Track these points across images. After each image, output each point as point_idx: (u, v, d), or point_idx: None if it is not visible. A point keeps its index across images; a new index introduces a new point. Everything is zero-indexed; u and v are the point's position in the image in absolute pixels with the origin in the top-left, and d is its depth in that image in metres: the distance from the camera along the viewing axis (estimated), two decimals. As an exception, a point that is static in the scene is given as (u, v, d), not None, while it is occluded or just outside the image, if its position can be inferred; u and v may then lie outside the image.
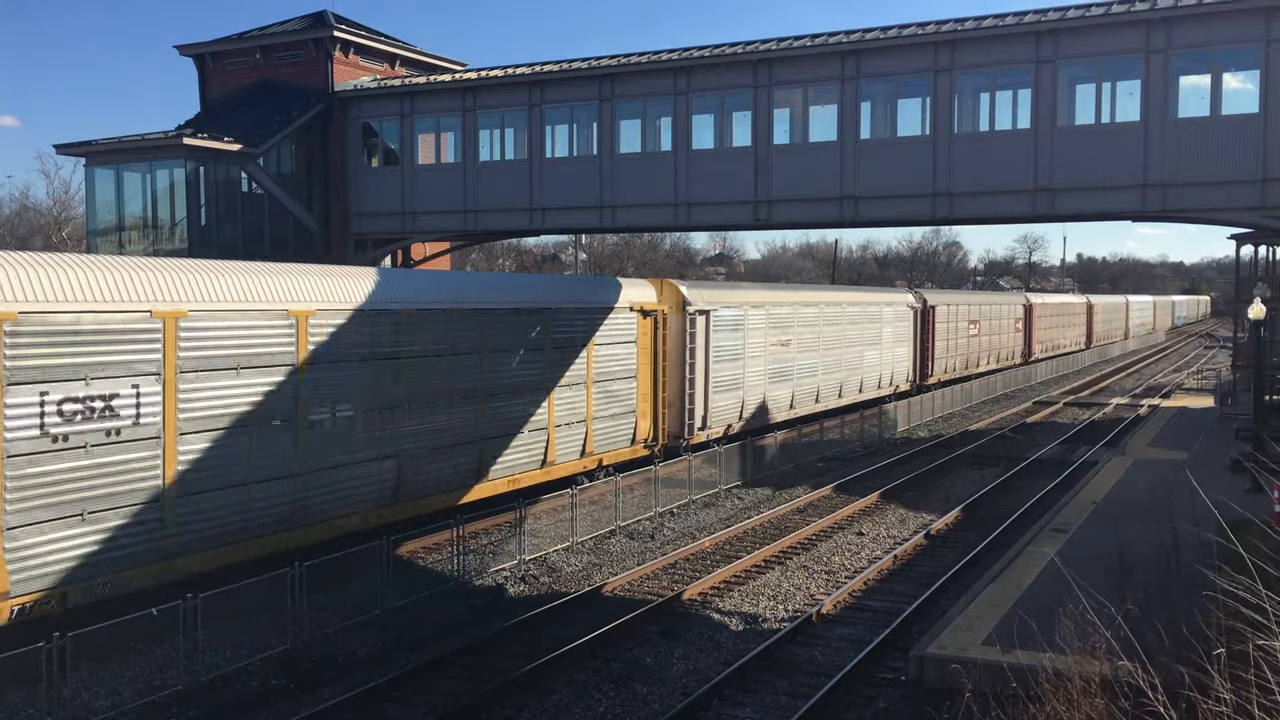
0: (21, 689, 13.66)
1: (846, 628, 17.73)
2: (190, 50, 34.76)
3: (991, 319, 61.69)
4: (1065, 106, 23.83)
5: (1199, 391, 57.29)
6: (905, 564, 22.03)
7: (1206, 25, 22.44)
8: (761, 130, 26.49)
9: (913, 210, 25.71)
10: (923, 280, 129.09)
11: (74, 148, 31.40)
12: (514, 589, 19.67)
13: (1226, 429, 36.11)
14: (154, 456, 16.32)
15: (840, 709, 14.19)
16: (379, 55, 33.83)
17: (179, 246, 29.50)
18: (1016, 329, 67.52)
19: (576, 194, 28.87)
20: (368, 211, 32.03)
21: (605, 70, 28.06)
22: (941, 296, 55.54)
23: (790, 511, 26.52)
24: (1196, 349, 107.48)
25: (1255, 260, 45.52)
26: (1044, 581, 17.07)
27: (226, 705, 14.14)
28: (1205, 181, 22.61)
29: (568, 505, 23.19)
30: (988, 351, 60.97)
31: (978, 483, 30.88)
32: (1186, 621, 9.53)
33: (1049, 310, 76.34)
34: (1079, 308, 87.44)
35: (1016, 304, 69.42)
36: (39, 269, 15.11)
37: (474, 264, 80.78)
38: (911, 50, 25.02)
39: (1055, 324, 77.71)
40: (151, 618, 14.63)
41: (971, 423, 45.26)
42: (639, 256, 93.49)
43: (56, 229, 57.16)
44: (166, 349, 16.45)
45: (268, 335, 18.25)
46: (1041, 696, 9.72)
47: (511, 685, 14.59)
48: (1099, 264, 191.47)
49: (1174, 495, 21.94)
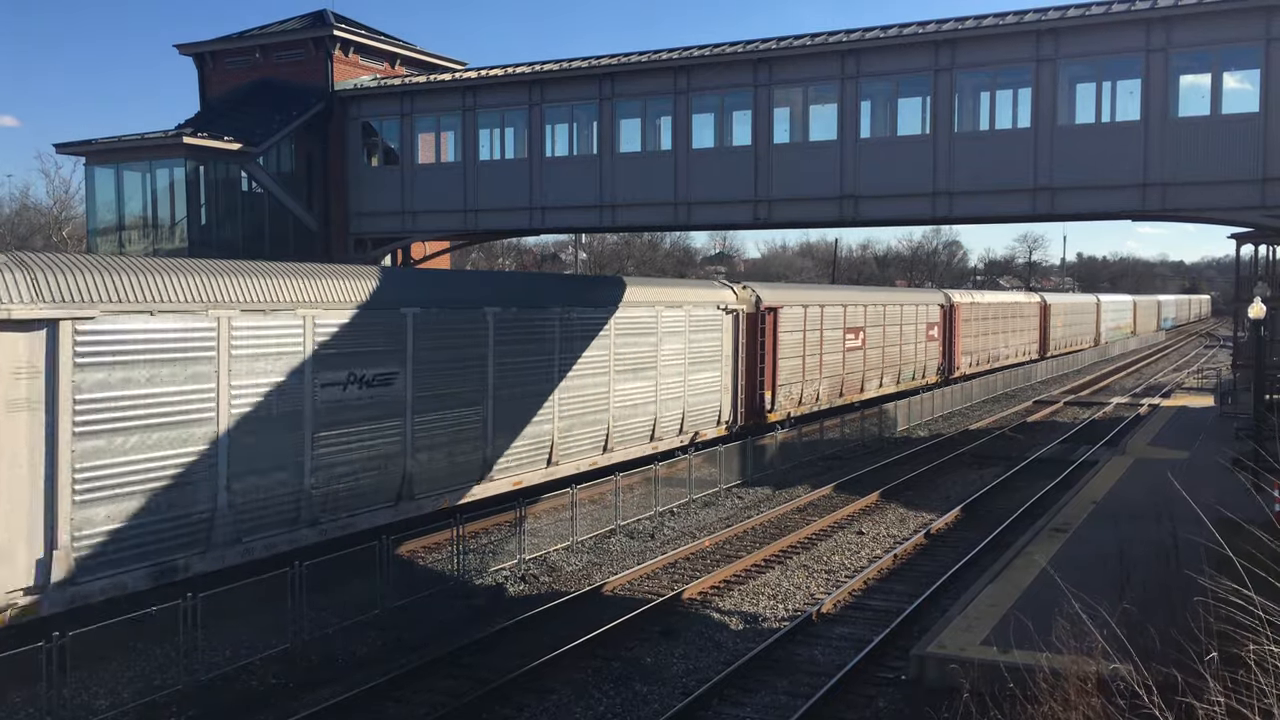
0: (21, 689, 13.68)
1: (846, 627, 17.75)
2: (190, 49, 34.74)
3: (885, 325, 47.32)
4: (1065, 106, 23.81)
5: (1199, 391, 57.29)
6: (905, 563, 22.05)
7: (1207, 24, 22.41)
8: (761, 129, 26.48)
9: (913, 209, 25.69)
10: (922, 279, 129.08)
11: (74, 147, 31.39)
12: (514, 588, 19.69)
13: (1227, 428, 36.13)
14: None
15: (840, 708, 14.21)
16: (379, 54, 33.82)
17: (179, 246, 29.48)
18: (930, 337, 52.40)
19: (576, 193, 28.85)
20: (368, 211, 32.01)
21: (605, 70, 28.05)
22: (784, 294, 40.33)
23: (790, 511, 26.53)
24: (1196, 348, 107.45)
25: (1255, 260, 45.52)
26: (1044, 581, 17.06)
27: (226, 705, 14.15)
28: (1205, 181, 22.58)
29: (568, 505, 23.21)
30: (878, 369, 46.78)
31: (978, 482, 30.90)
32: (1185, 623, 9.54)
33: (981, 312, 60.44)
34: (1029, 309, 72.02)
35: (929, 305, 53.02)
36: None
37: (474, 263, 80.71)
38: (911, 49, 25.00)
39: (993, 329, 62.93)
40: (151, 617, 14.65)
41: (971, 422, 45.27)
42: (639, 256, 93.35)
43: (56, 228, 57.17)
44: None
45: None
46: (1039, 697, 9.73)
47: (511, 684, 14.60)
48: (1099, 263, 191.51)
49: (1174, 495, 21.93)
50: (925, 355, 52.33)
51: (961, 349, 56.38)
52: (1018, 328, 68.49)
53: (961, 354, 56.33)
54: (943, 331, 53.88)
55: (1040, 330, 74.07)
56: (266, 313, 18.13)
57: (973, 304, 59.22)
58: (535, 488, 24.73)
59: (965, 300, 58.11)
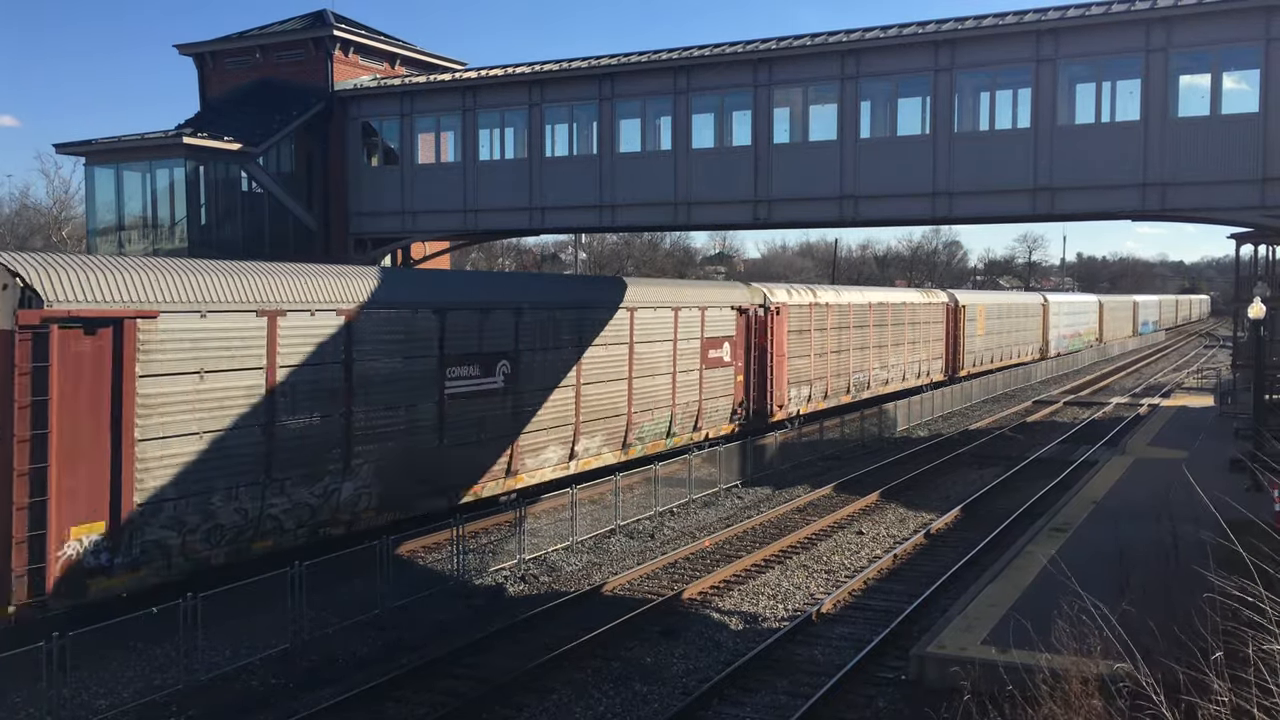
0: (21, 689, 13.68)
1: (846, 627, 17.74)
2: (190, 49, 34.74)
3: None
4: (1065, 106, 23.81)
5: (1199, 391, 57.29)
6: (905, 563, 22.03)
7: (1206, 25, 22.41)
8: (761, 129, 26.47)
9: (913, 209, 25.69)
10: (922, 279, 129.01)
11: (74, 147, 31.38)
12: (514, 588, 19.68)
13: (1226, 428, 36.14)
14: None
15: (840, 708, 14.19)
16: (379, 54, 33.82)
17: (179, 246, 29.48)
18: (719, 363, 32.96)
19: (576, 193, 28.85)
20: (368, 211, 32.01)
21: (605, 70, 28.05)
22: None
23: (790, 511, 26.53)
24: (1196, 348, 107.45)
25: (1255, 259, 45.49)
26: (1044, 581, 17.05)
27: (226, 705, 14.14)
28: (1205, 181, 22.58)
29: (567, 505, 23.21)
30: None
31: (977, 482, 30.89)
32: (1186, 622, 9.53)
33: (803, 318, 38.71)
34: (927, 312, 50.91)
35: (718, 309, 33.08)
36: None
37: (474, 263, 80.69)
38: (911, 49, 25.00)
39: (858, 343, 43.28)
40: (151, 617, 14.64)
41: (971, 422, 45.27)
42: (639, 256, 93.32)
43: (56, 229, 57.17)
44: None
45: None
46: (1039, 698, 9.72)
47: (511, 685, 14.59)
48: (1099, 263, 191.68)
49: (1174, 494, 21.93)
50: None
51: (784, 376, 37.89)
52: (914, 339, 49.25)
53: (782, 386, 37.69)
54: (747, 352, 36.18)
55: (948, 343, 53.50)
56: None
57: (798, 306, 38.51)
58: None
59: (793, 301, 38.40)
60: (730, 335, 34.03)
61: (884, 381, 46.44)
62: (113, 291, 15.99)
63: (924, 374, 51.36)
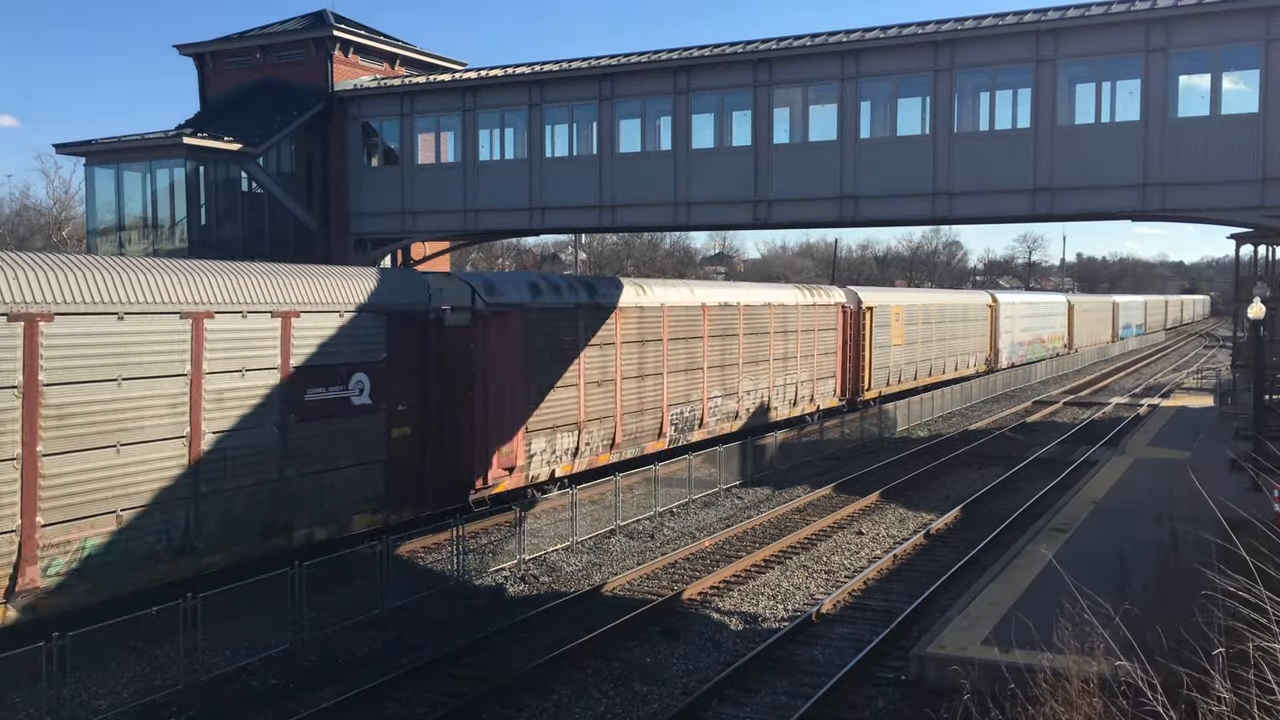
0: (21, 689, 13.67)
1: (846, 627, 17.73)
2: (190, 50, 34.74)
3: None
4: (1065, 106, 23.81)
5: (1198, 391, 57.30)
6: (905, 563, 22.03)
7: (1206, 25, 22.41)
8: (761, 130, 26.47)
9: (912, 210, 25.69)
10: (921, 280, 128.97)
11: (74, 147, 31.38)
12: (514, 589, 19.69)
13: (1226, 428, 36.15)
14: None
15: (840, 709, 14.20)
16: (379, 55, 33.81)
17: (179, 246, 29.48)
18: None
19: (576, 193, 28.84)
20: (368, 211, 32.01)
21: (605, 70, 28.05)
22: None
23: (790, 511, 26.53)
24: (1196, 349, 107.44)
25: (1255, 260, 45.51)
26: (1044, 581, 17.07)
27: (226, 705, 14.14)
28: (1205, 181, 22.58)
29: (567, 505, 23.21)
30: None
31: (977, 482, 30.89)
32: (1186, 621, 9.53)
33: (648, 326, 30.68)
34: (808, 317, 40.09)
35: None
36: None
37: (474, 264, 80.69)
38: (911, 50, 25.00)
39: (682, 363, 32.06)
40: (151, 618, 14.64)
41: (971, 422, 45.27)
42: (639, 256, 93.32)
43: (56, 229, 57.16)
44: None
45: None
46: (1040, 697, 9.72)
47: (511, 685, 14.59)
48: (1099, 263, 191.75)
49: (1174, 495, 21.94)
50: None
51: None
52: (789, 351, 38.73)
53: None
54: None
55: (842, 356, 43.22)
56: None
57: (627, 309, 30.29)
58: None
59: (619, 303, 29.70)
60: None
61: (733, 415, 34.59)
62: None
63: (800, 400, 39.39)
